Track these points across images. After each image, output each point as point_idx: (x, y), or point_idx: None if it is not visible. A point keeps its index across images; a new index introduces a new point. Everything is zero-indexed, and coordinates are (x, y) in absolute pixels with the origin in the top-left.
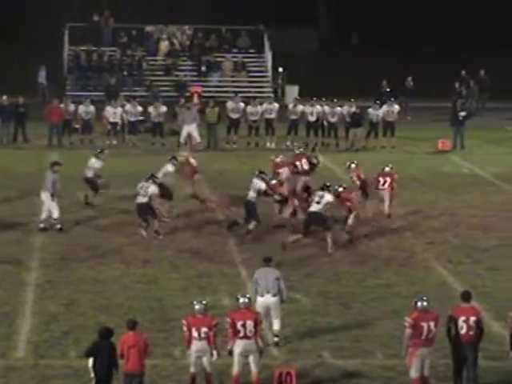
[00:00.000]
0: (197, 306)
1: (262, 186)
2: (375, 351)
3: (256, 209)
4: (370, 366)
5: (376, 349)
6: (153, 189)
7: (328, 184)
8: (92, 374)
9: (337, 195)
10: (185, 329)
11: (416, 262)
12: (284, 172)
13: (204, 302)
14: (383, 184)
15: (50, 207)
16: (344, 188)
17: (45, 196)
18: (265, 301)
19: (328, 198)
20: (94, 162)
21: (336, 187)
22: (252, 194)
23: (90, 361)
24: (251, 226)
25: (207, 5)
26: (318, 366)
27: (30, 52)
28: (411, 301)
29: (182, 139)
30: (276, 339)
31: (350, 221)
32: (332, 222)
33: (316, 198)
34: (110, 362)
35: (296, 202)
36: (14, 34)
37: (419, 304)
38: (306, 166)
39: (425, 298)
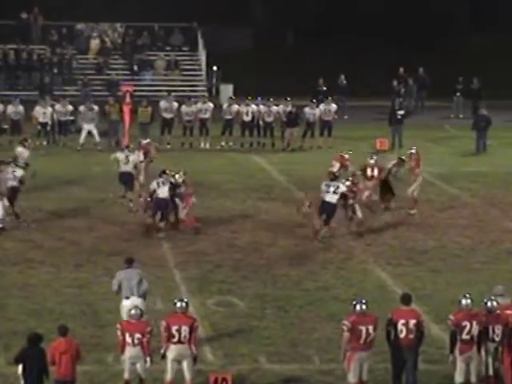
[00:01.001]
0: (132, 311)
1: (344, 189)
2: (313, 356)
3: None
4: (307, 371)
5: (313, 353)
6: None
7: (337, 174)
8: (22, 382)
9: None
10: (119, 333)
11: (354, 265)
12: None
13: (138, 307)
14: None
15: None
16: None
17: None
18: (131, 303)
19: (343, 188)
20: (22, 152)
21: (343, 180)
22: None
23: (20, 367)
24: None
25: (139, 1)
26: (254, 371)
27: None
28: (349, 304)
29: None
30: None
31: (359, 213)
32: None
33: (331, 188)
34: (40, 369)
35: None
36: None
37: (357, 307)
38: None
39: (363, 301)
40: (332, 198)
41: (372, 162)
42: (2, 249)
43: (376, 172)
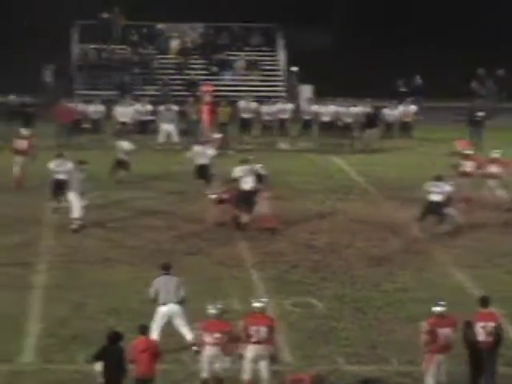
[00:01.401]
0: (212, 311)
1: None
2: (391, 357)
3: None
4: (385, 373)
5: (392, 355)
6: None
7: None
8: (100, 379)
9: None
10: (199, 333)
11: (433, 266)
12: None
13: (219, 307)
14: None
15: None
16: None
17: (72, 196)
18: (168, 309)
19: (448, 188)
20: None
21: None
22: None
23: (99, 365)
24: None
25: (219, 2)
26: (332, 372)
27: (38, 51)
28: (428, 306)
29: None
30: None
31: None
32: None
33: (437, 189)
34: (119, 367)
35: None
36: (23, 34)
37: (436, 309)
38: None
39: (442, 303)
40: (437, 197)
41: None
42: (82, 247)
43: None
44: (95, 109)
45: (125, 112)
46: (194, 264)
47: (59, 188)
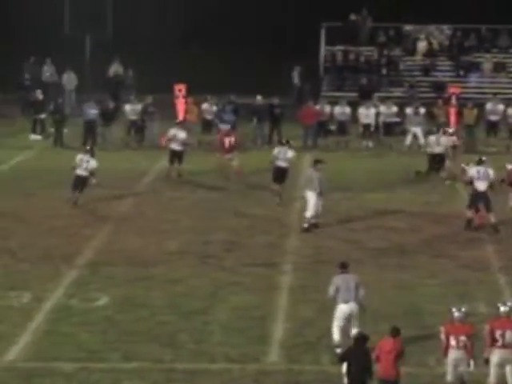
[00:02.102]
0: (456, 314)
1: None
2: None
3: None
4: None
5: None
6: None
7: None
8: (345, 380)
9: None
10: (443, 336)
11: None
12: None
13: (463, 310)
14: None
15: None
16: None
17: (310, 195)
18: (349, 308)
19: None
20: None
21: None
22: None
23: (344, 366)
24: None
25: (467, 3)
26: None
27: (286, 53)
28: None
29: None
30: None
31: None
32: None
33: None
34: (365, 368)
35: None
36: (274, 36)
37: None
38: None
39: None
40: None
41: None
42: (327, 248)
43: None
44: (341, 110)
45: (368, 114)
46: (441, 267)
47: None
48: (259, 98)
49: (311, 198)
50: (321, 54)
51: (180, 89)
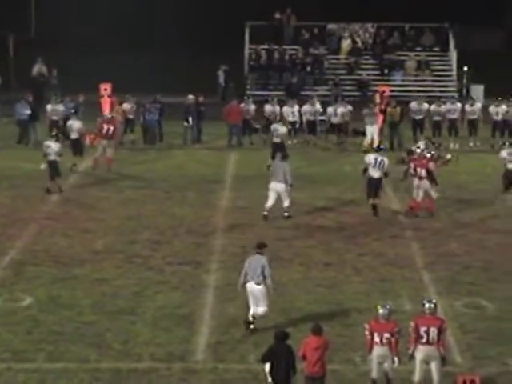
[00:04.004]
0: (380, 311)
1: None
2: None
3: None
4: None
5: None
6: None
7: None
8: (269, 378)
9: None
10: (367, 334)
11: None
12: None
13: (388, 307)
14: None
15: (282, 197)
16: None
17: (273, 185)
18: (250, 287)
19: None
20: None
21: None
22: None
23: (267, 366)
24: None
25: (391, 2)
26: (502, 374)
27: (211, 52)
28: None
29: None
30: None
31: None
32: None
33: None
34: (288, 366)
35: None
36: (194, 35)
37: None
38: None
39: None
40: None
41: None
42: (252, 246)
43: None
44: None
45: (293, 112)
46: (367, 265)
47: None
48: (191, 97)
49: (274, 188)
50: (245, 52)
51: (105, 88)
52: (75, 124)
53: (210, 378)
